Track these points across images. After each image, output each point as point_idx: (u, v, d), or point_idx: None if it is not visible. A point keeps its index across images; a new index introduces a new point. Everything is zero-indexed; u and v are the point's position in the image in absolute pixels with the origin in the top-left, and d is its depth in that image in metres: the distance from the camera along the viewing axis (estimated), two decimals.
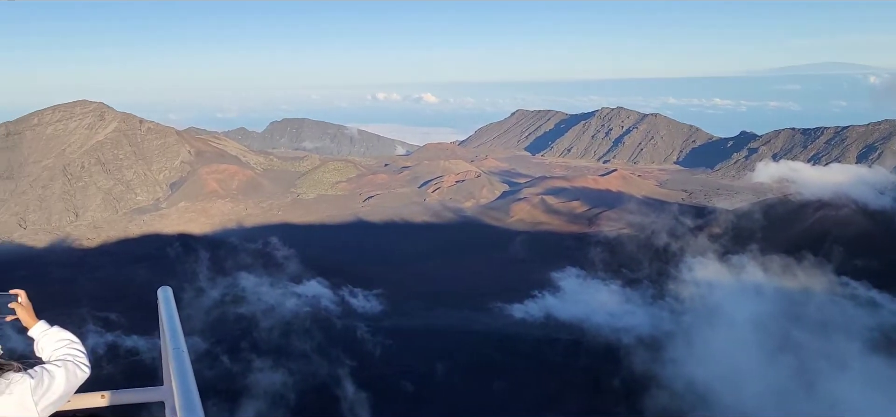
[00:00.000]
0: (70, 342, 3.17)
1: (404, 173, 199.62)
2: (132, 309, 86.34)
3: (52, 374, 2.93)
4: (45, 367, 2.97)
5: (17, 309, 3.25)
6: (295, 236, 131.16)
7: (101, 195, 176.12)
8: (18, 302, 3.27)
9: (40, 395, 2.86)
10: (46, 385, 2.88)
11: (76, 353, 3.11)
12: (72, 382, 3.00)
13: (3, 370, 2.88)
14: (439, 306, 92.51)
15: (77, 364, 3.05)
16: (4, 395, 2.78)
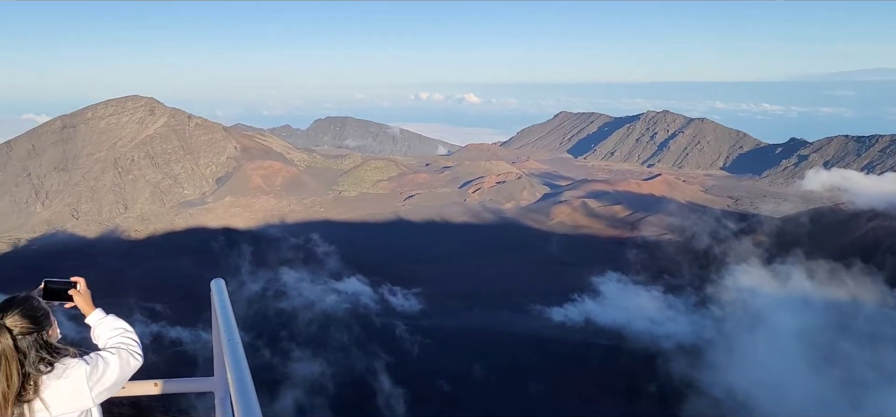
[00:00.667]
0: (124, 330, 3.26)
1: (445, 173, 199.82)
2: (177, 300, 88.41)
3: (107, 361, 3.03)
4: (100, 354, 3.07)
5: (76, 297, 3.36)
6: (336, 233, 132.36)
7: (150, 188, 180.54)
8: (77, 289, 3.37)
9: (95, 381, 2.95)
10: (101, 371, 2.97)
11: (130, 342, 3.20)
12: (125, 370, 3.08)
13: (60, 355, 2.96)
14: (477, 306, 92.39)
15: (130, 352, 3.14)
16: (62, 379, 2.88)
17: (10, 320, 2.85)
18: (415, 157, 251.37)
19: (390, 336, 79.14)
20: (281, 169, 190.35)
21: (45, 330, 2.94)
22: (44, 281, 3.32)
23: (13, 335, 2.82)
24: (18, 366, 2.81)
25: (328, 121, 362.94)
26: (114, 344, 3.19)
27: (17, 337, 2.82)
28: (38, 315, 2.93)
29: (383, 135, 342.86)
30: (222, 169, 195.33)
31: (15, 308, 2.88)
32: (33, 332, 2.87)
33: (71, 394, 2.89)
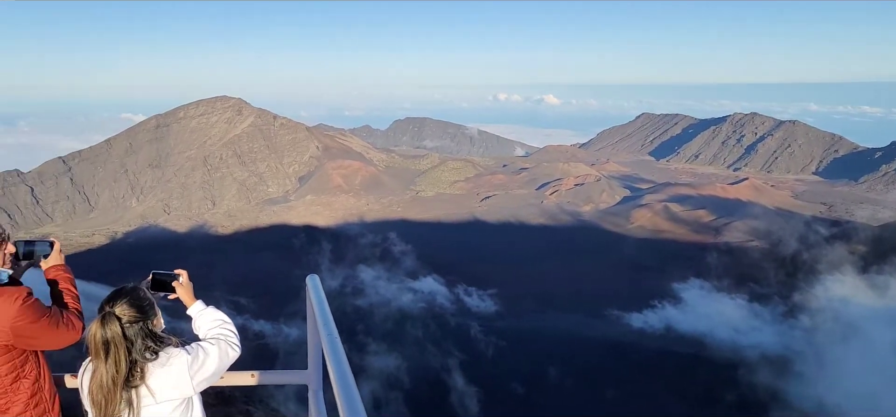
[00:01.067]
0: (223, 322, 3.37)
1: (522, 174, 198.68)
2: (260, 294, 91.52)
3: (207, 351, 3.13)
4: (200, 344, 3.18)
5: (178, 289, 3.49)
6: (413, 233, 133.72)
7: (237, 185, 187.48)
8: (180, 282, 3.50)
9: (196, 370, 3.06)
10: (201, 361, 3.08)
11: (229, 333, 3.31)
12: (224, 360, 3.19)
13: (164, 344, 3.08)
14: (553, 309, 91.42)
15: (229, 343, 3.25)
16: (166, 367, 3.00)
17: (119, 309, 2.98)
18: (492, 158, 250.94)
19: (465, 336, 79.31)
20: (360, 168, 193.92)
21: (151, 319, 3.07)
22: (152, 273, 3.49)
23: (121, 323, 2.95)
24: (126, 353, 2.93)
25: (407, 121, 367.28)
26: (213, 334, 3.30)
27: (125, 325, 2.96)
28: (144, 304, 3.06)
29: (461, 136, 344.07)
30: (305, 168, 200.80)
31: (123, 297, 3.02)
32: (139, 321, 3.00)
33: (174, 382, 3.01)
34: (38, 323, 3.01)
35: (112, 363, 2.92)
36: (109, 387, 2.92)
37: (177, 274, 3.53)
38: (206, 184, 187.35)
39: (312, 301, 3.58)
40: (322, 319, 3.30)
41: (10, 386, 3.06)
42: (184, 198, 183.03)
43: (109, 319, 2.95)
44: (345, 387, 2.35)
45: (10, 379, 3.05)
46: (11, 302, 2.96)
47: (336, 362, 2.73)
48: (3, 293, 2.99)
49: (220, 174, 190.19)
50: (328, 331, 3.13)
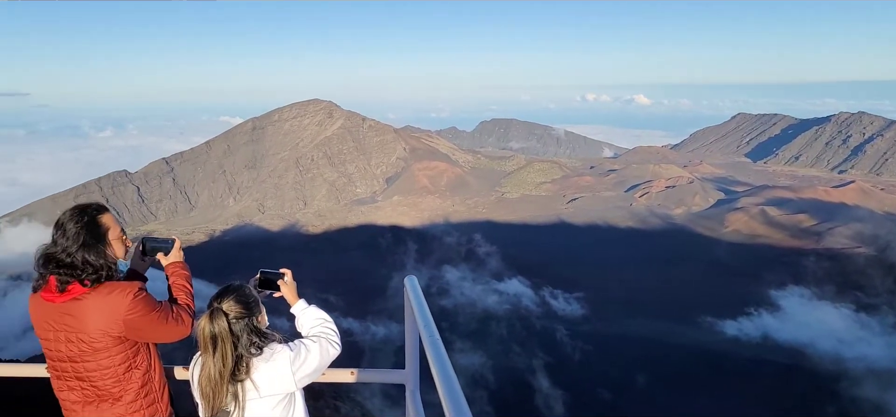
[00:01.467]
0: (325, 321, 3.45)
1: (611, 176, 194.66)
2: (347, 292, 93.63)
3: (309, 348, 3.22)
4: (303, 341, 3.28)
5: (283, 287, 3.59)
6: (498, 234, 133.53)
7: (327, 186, 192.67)
8: (284, 280, 3.61)
9: (298, 366, 3.15)
10: (303, 357, 3.18)
11: (329, 332, 3.39)
12: (324, 358, 3.27)
13: (268, 340, 3.20)
14: (642, 315, 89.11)
15: (330, 341, 3.33)
16: (269, 363, 3.11)
17: (227, 305, 3.12)
18: (579, 160, 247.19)
19: (551, 339, 78.56)
20: (446, 169, 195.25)
21: (256, 316, 3.19)
22: (260, 272, 3.59)
23: (228, 319, 3.08)
24: (232, 348, 3.06)
25: (493, 123, 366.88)
26: (315, 332, 3.39)
27: (232, 321, 3.09)
28: (249, 301, 3.19)
29: (548, 137, 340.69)
30: (392, 169, 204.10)
31: (230, 294, 3.16)
32: (245, 317, 3.12)
33: (277, 377, 3.11)
34: (149, 317, 3.16)
35: (219, 356, 3.05)
36: (217, 380, 3.05)
37: (282, 273, 3.63)
38: (298, 184, 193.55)
39: (411, 302, 3.60)
40: (423, 320, 3.31)
41: (122, 376, 3.22)
42: (277, 197, 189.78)
43: (217, 314, 3.08)
44: (450, 390, 2.33)
45: (123, 369, 3.21)
46: (125, 295, 3.12)
47: (439, 363, 2.73)
48: (117, 287, 3.15)
49: (311, 175, 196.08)
50: (429, 333, 3.13)
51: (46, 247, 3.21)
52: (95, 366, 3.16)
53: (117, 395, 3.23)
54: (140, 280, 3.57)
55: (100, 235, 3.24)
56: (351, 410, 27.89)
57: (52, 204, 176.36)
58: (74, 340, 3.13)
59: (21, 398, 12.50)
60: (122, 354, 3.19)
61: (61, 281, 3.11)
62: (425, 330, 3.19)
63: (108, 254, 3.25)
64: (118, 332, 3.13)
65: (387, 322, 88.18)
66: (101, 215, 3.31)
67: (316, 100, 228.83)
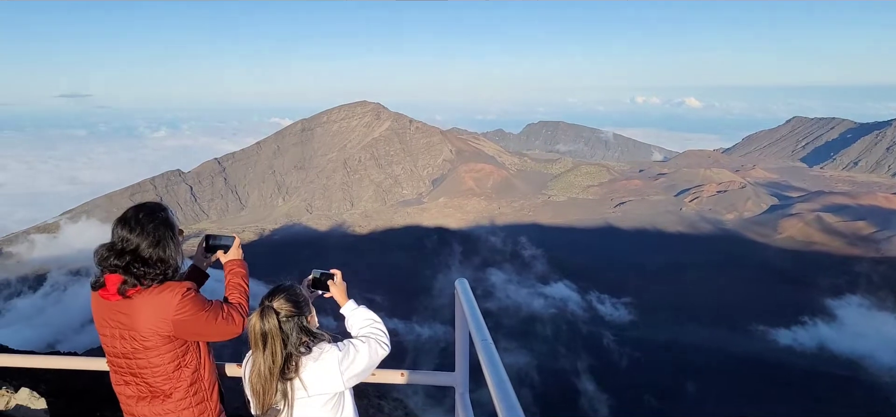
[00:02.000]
0: (374, 321, 3.45)
1: (660, 180, 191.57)
2: (393, 292, 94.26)
3: (357, 348, 3.23)
4: (351, 341, 3.28)
5: (332, 288, 3.61)
6: (544, 237, 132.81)
7: (373, 187, 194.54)
8: (334, 281, 3.62)
9: (346, 366, 3.16)
10: (351, 357, 3.18)
11: (378, 332, 3.39)
12: (373, 358, 3.27)
13: (317, 339, 3.20)
14: (692, 322, 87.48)
15: (379, 342, 3.33)
16: (318, 362, 3.12)
17: (277, 303, 3.14)
18: (628, 163, 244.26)
19: (597, 344, 77.74)
20: (493, 172, 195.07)
21: (305, 315, 3.21)
22: (314, 271, 3.64)
23: (278, 317, 3.10)
24: (282, 346, 3.08)
25: (540, 125, 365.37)
26: (364, 333, 3.39)
27: (282, 320, 3.10)
28: (299, 301, 3.20)
29: (596, 140, 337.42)
30: (438, 170, 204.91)
31: (281, 293, 3.18)
32: (295, 316, 3.14)
33: (325, 377, 3.12)
34: (197, 317, 3.17)
35: (269, 354, 3.07)
36: (266, 377, 3.07)
37: (332, 274, 3.64)
38: (345, 185, 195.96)
39: (463, 304, 3.55)
40: (475, 323, 3.26)
41: (172, 374, 3.25)
42: (325, 198, 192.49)
43: (268, 312, 3.09)
44: (504, 394, 2.36)
45: (173, 367, 3.24)
46: (174, 295, 3.13)
47: (492, 367, 2.66)
48: (167, 287, 3.16)
49: (358, 176, 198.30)
50: (482, 336, 3.07)
51: (115, 244, 3.20)
52: (146, 364, 3.22)
53: (168, 392, 3.27)
54: (202, 277, 3.65)
55: (173, 233, 3.29)
56: (394, 409, 28.00)
57: (109, 202, 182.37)
58: (127, 337, 3.19)
59: (81, 390, 12.78)
60: (171, 353, 3.22)
61: (126, 280, 3.13)
62: (477, 334, 3.13)
63: (180, 252, 3.33)
64: (167, 331, 3.16)
65: (432, 323, 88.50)
66: (170, 214, 3.34)
67: (364, 102, 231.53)
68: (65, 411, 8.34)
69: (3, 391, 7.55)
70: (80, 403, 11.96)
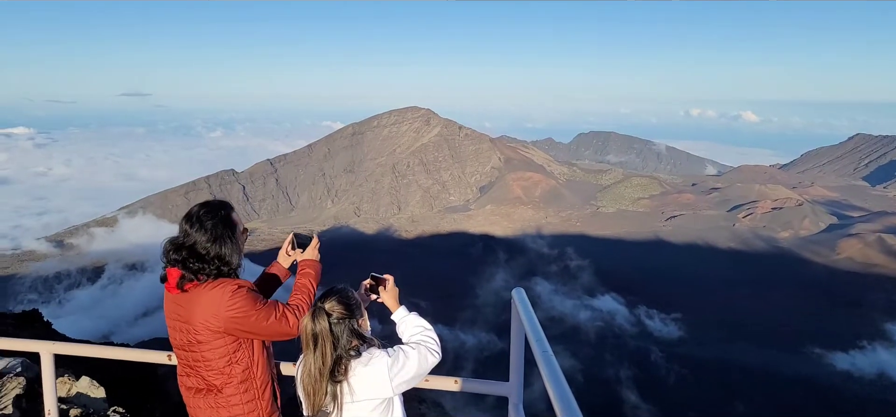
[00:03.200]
0: (425, 329, 3.40)
1: (713, 195, 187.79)
2: (438, 298, 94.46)
3: (407, 355, 3.18)
4: (401, 348, 3.23)
5: (383, 293, 3.57)
6: (591, 248, 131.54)
7: (421, 192, 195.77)
8: (385, 287, 3.57)
9: (396, 373, 3.11)
10: (401, 364, 3.13)
11: (429, 340, 3.33)
12: (423, 366, 3.22)
13: (367, 344, 3.18)
14: (742, 341, 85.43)
15: (429, 349, 3.27)
16: (367, 367, 3.09)
17: (329, 305, 3.12)
18: (680, 176, 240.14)
19: (644, 359, 76.58)
20: (541, 181, 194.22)
21: (357, 319, 3.18)
22: (370, 275, 3.60)
23: (330, 319, 3.09)
24: (332, 348, 3.07)
25: (591, 135, 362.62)
26: (415, 340, 3.35)
27: (333, 322, 3.09)
28: (351, 304, 3.18)
29: (647, 152, 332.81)
30: (486, 178, 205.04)
31: (334, 295, 3.17)
32: (346, 319, 3.12)
33: (374, 382, 3.09)
34: (247, 315, 3.20)
35: (319, 355, 3.07)
36: (316, 377, 3.06)
37: (384, 279, 3.59)
38: (393, 189, 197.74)
39: (521, 314, 3.48)
40: (534, 334, 3.18)
41: (223, 369, 3.31)
42: (373, 201, 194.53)
43: (319, 314, 3.09)
44: (566, 407, 2.40)
45: (223, 363, 3.30)
46: (225, 291, 3.18)
47: (554, 379, 2.66)
48: (220, 283, 3.22)
49: (406, 181, 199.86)
50: (542, 349, 2.99)
51: (177, 238, 3.31)
52: (200, 357, 3.29)
53: (219, 387, 3.33)
54: (274, 282, 3.79)
55: (232, 231, 3.36)
56: (436, 416, 27.95)
57: (164, 198, 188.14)
58: (184, 330, 3.28)
59: (136, 381, 13.07)
60: (222, 348, 3.28)
61: (184, 274, 3.23)
62: (537, 345, 3.05)
63: (238, 251, 3.38)
64: (216, 327, 3.22)
65: (477, 331, 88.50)
66: (232, 212, 3.42)
67: (414, 108, 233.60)
68: (121, 400, 8.57)
69: (66, 378, 7.80)
70: (136, 394, 12.30)
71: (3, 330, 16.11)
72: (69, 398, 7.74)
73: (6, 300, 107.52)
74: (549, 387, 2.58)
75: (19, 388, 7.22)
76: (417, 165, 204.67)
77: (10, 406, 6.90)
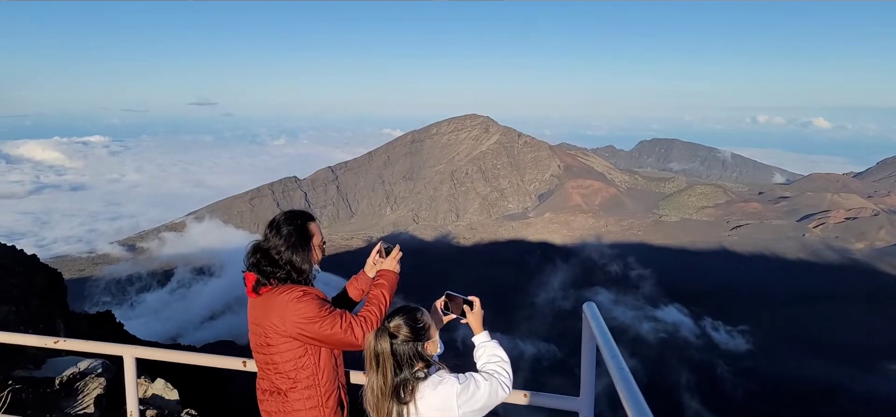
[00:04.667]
0: (501, 361, 3.30)
1: (781, 204, 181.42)
2: (495, 307, 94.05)
3: (478, 385, 3.09)
4: (473, 376, 3.15)
5: (469, 315, 3.50)
6: (653, 258, 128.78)
7: (479, 200, 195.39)
8: (471, 308, 3.50)
9: (464, 400, 3.03)
10: (471, 392, 3.05)
11: (503, 374, 3.24)
12: (492, 399, 3.13)
13: (435, 367, 3.14)
14: (815, 357, 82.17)
15: (501, 383, 3.18)
16: (435, 391, 3.03)
17: (395, 325, 3.10)
18: (746, 185, 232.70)
19: (710, 373, 74.54)
20: (601, 188, 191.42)
21: (423, 341, 3.12)
22: (446, 293, 3.55)
23: (393, 340, 3.06)
24: (393, 368, 3.04)
25: (653, 142, 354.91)
26: (489, 369, 3.26)
27: (396, 343, 3.06)
28: (418, 327, 3.12)
29: (712, 160, 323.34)
30: (545, 185, 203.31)
31: (401, 315, 3.14)
32: (411, 341, 3.07)
33: (441, 406, 3.03)
34: (310, 322, 3.24)
35: (380, 374, 3.05)
36: (378, 396, 3.05)
37: (470, 300, 3.51)
38: (451, 196, 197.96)
39: (594, 329, 3.44)
40: (608, 350, 3.15)
41: (288, 373, 3.38)
42: (431, 209, 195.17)
43: (382, 334, 3.08)
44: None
45: (289, 367, 3.36)
46: (289, 298, 3.27)
47: (631, 397, 2.61)
48: (287, 289, 3.30)
49: (464, 188, 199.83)
50: (617, 365, 2.94)
51: (257, 243, 3.43)
52: (270, 360, 3.38)
53: (285, 391, 3.40)
54: (349, 301, 3.85)
55: (306, 240, 3.43)
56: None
57: (230, 204, 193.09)
58: (258, 333, 3.38)
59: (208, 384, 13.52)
60: (289, 352, 3.34)
61: (259, 278, 3.35)
62: (613, 362, 3.01)
63: (309, 259, 3.43)
64: (283, 330, 3.28)
65: (536, 341, 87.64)
66: (309, 222, 3.50)
67: (473, 115, 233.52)
68: (193, 403, 8.92)
69: (142, 380, 8.11)
70: (204, 395, 12.73)
71: (79, 330, 16.99)
72: (145, 399, 8.11)
73: (82, 301, 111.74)
74: (627, 405, 2.56)
75: (100, 388, 7.60)
76: (476, 173, 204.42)
77: (91, 405, 7.26)
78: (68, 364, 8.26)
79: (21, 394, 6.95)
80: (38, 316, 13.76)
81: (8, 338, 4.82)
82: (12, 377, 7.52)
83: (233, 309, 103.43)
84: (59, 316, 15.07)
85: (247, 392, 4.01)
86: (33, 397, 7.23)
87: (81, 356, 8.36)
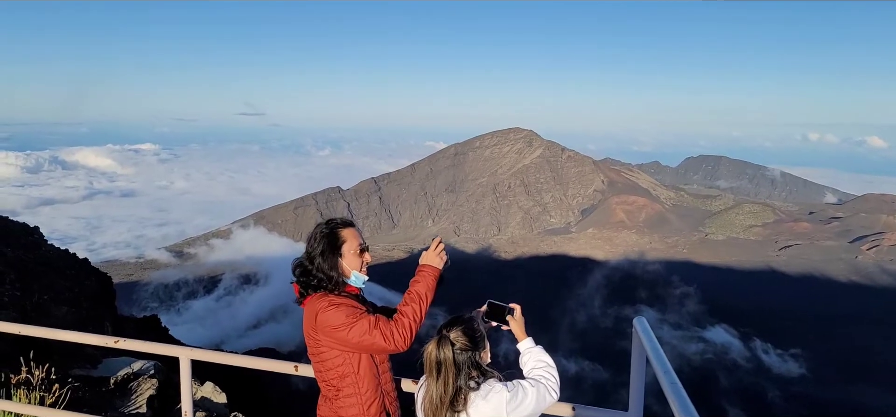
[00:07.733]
0: (547, 365, 3.29)
1: (832, 224, 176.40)
2: (536, 322, 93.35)
3: (526, 392, 3.09)
4: (520, 383, 3.15)
5: (512, 322, 3.49)
6: (698, 276, 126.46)
7: (521, 214, 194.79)
8: (513, 316, 3.50)
9: (513, 408, 3.04)
10: (519, 400, 3.05)
11: (550, 378, 3.23)
12: (540, 404, 3.12)
13: (487, 376, 3.11)
14: (871, 383, 79.54)
15: (548, 388, 3.17)
16: (486, 400, 3.02)
17: (454, 334, 3.11)
18: (796, 204, 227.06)
19: (761, 398, 72.57)
20: (645, 205, 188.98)
21: (479, 351, 3.13)
22: (487, 302, 3.52)
23: (454, 349, 3.07)
24: (454, 378, 3.04)
25: (700, 159, 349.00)
26: (535, 375, 3.25)
27: (456, 352, 3.07)
28: (476, 336, 3.14)
29: (761, 178, 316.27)
30: (588, 200, 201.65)
31: (459, 325, 3.14)
32: (469, 350, 3.08)
33: (491, 415, 3.02)
34: (338, 327, 3.23)
35: (441, 383, 3.07)
36: (437, 405, 3.07)
37: (512, 308, 3.52)
38: (493, 210, 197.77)
39: (645, 344, 3.41)
40: (660, 365, 3.11)
41: (332, 381, 3.38)
42: (473, 221, 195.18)
43: (444, 342, 3.09)
44: None
45: (332, 374, 3.37)
46: (320, 303, 3.28)
47: (685, 412, 2.67)
48: (320, 295, 3.31)
49: (506, 202, 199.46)
50: (670, 380, 2.90)
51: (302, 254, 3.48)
52: (319, 367, 3.39)
53: (332, 397, 3.40)
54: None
55: (335, 247, 3.41)
56: None
57: (274, 213, 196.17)
58: (307, 341, 3.42)
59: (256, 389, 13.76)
60: (330, 361, 3.34)
61: (300, 286, 3.38)
62: (665, 377, 2.96)
63: (338, 266, 3.40)
64: (319, 336, 3.30)
65: (579, 359, 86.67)
66: (340, 229, 3.47)
67: (517, 129, 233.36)
68: (239, 406, 9.14)
69: (193, 382, 8.35)
70: (250, 401, 12.99)
71: (126, 333, 17.33)
72: (195, 401, 8.28)
73: (130, 305, 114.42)
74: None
75: (152, 389, 7.86)
76: (518, 186, 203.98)
77: (144, 405, 7.49)
78: (122, 365, 8.60)
79: (79, 392, 7.14)
80: (88, 319, 14.19)
81: (71, 337, 4.95)
82: (71, 375, 7.80)
83: (275, 318, 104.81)
84: (107, 319, 15.48)
85: (284, 396, 4.05)
86: (90, 395, 7.52)
87: (137, 356, 8.67)
